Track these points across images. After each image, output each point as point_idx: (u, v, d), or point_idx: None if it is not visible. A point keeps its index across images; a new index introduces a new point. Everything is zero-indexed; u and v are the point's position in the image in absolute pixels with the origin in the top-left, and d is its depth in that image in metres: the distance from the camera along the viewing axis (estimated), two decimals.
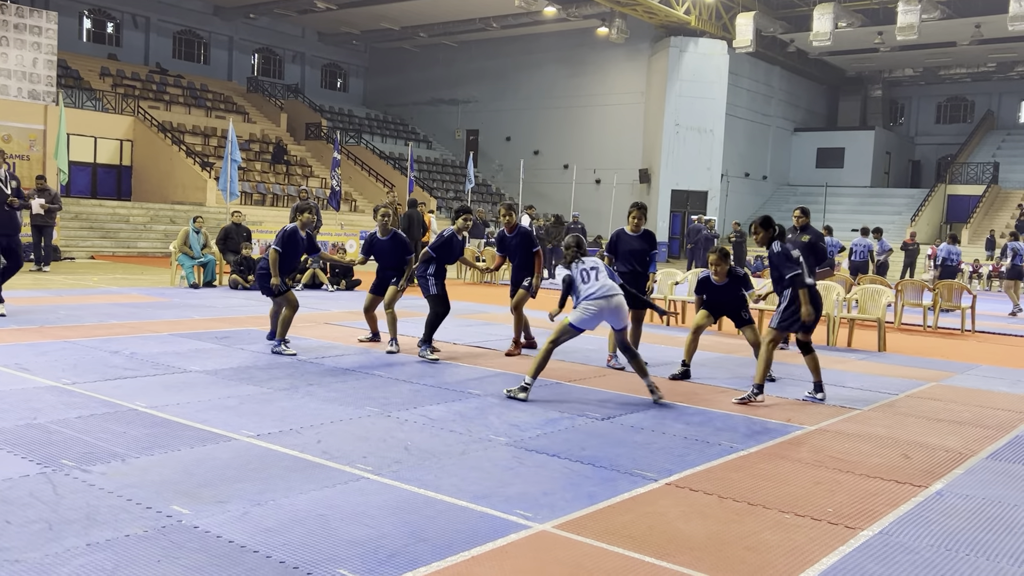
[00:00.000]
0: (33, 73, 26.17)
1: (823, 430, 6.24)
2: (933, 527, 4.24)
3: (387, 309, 8.95)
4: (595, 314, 6.81)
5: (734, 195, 38.70)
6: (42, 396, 6.08)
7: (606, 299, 6.82)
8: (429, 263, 8.69)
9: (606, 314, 6.84)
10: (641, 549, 3.75)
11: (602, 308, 6.81)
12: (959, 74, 43.18)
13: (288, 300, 8.51)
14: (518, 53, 40.43)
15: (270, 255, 8.51)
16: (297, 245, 8.74)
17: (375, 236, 9.18)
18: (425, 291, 8.72)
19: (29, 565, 3.29)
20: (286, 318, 8.44)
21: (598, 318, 6.85)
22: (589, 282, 6.90)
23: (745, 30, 33.21)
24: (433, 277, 8.70)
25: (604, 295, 6.82)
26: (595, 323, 6.91)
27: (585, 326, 6.89)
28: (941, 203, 39.85)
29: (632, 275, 8.51)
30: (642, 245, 8.57)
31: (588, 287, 6.88)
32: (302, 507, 4.07)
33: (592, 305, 6.80)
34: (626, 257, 8.55)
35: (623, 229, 8.73)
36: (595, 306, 6.80)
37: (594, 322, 6.88)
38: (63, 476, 4.36)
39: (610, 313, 6.85)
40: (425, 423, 5.85)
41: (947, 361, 10.22)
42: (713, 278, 8.16)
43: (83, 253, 21.53)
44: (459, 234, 8.90)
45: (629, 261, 8.54)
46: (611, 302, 6.83)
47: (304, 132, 37.10)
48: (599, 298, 6.81)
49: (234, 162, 19.23)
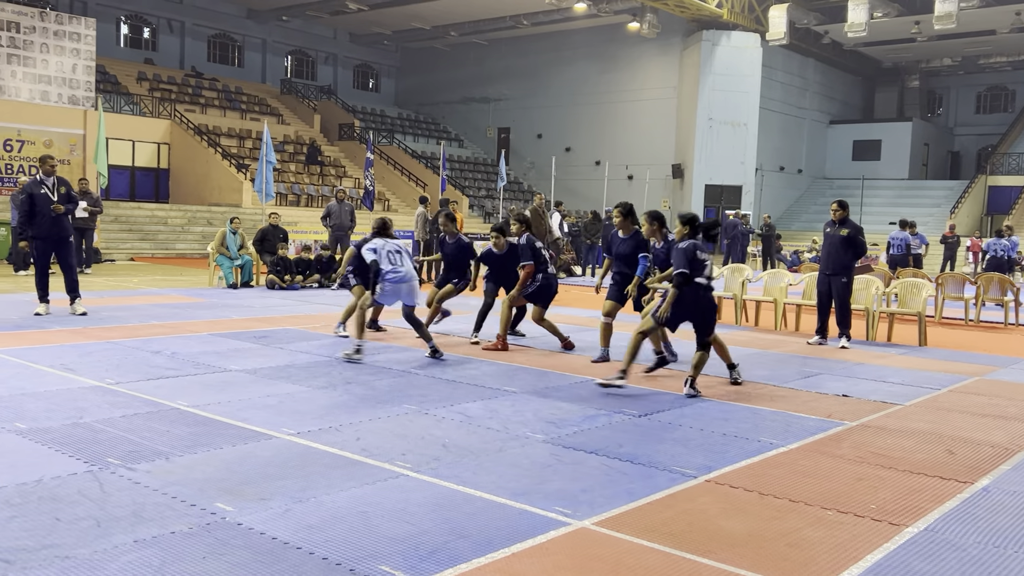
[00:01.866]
0: (72, 79, 26.65)
1: (864, 426, 6.17)
2: (980, 524, 4.17)
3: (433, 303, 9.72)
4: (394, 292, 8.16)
5: (769, 189, 38.32)
6: (87, 396, 6.20)
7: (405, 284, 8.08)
8: (533, 277, 9.21)
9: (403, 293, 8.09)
10: (682, 546, 3.73)
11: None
12: (999, 63, 42.29)
13: (355, 292, 9.22)
14: (549, 50, 40.35)
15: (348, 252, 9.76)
16: None
17: (491, 251, 9.58)
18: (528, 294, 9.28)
19: (79, 561, 3.36)
20: (350, 308, 9.23)
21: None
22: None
23: (778, 22, 32.83)
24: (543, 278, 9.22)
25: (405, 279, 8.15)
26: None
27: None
28: (982, 195, 39.11)
29: (625, 278, 8.41)
30: (629, 248, 8.41)
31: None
32: (343, 504, 4.11)
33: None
34: (618, 260, 8.53)
35: (616, 232, 8.62)
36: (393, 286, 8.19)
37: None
38: (109, 474, 4.44)
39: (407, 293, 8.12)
40: (462, 420, 5.87)
41: (991, 355, 10.03)
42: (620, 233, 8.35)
43: (123, 255, 21.89)
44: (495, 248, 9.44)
45: (620, 263, 8.50)
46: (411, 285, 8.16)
47: (337, 133, 37.37)
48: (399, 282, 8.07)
49: (269, 163, 19.39)
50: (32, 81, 25.78)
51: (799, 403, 6.86)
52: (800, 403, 6.87)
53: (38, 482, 4.27)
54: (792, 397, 7.11)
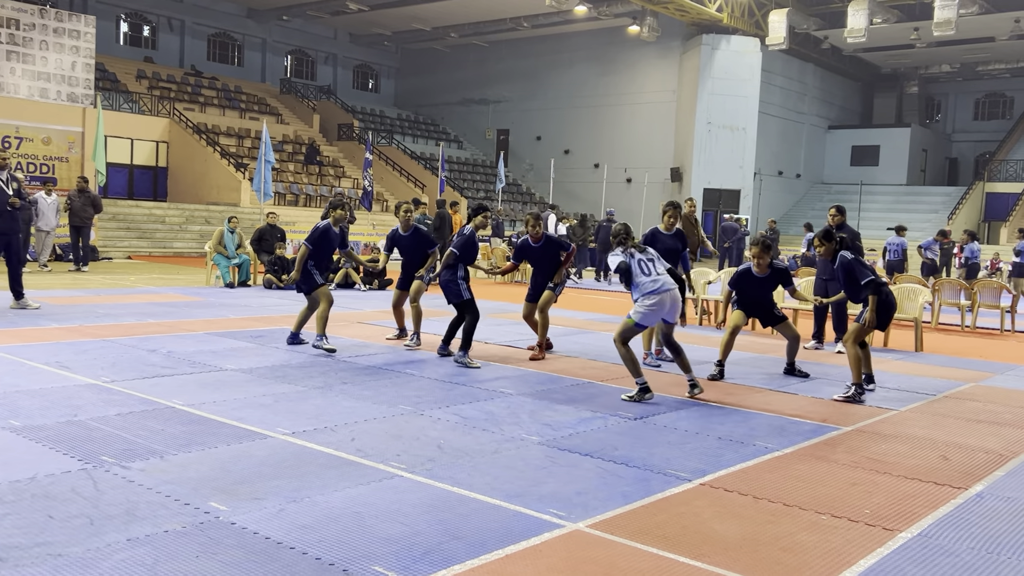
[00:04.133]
0: (72, 76, 26.63)
1: (859, 431, 6.17)
2: (974, 529, 4.17)
3: (412, 303, 8.97)
4: (658, 309, 6.81)
5: (767, 194, 38.36)
6: (82, 394, 6.19)
7: (668, 292, 6.82)
8: (455, 266, 8.35)
9: (667, 308, 6.85)
10: (675, 549, 3.73)
11: (664, 302, 6.80)
12: (997, 70, 42.40)
13: (322, 294, 8.57)
14: (549, 52, 40.39)
15: (300, 250, 8.56)
16: (331, 242, 8.78)
17: (397, 232, 9.22)
18: (457, 296, 8.32)
19: (71, 559, 3.35)
20: (322, 313, 8.48)
21: (660, 313, 6.86)
22: (651, 275, 6.86)
23: (778, 27, 32.89)
24: (464, 281, 8.36)
25: (667, 288, 6.81)
26: (657, 319, 6.93)
27: (648, 323, 6.91)
28: (979, 201, 39.18)
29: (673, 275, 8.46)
30: (675, 244, 8.54)
31: (650, 280, 6.82)
32: (337, 504, 4.10)
33: (655, 299, 6.78)
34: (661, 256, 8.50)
35: (658, 228, 8.72)
36: (658, 300, 6.78)
37: (656, 318, 6.90)
38: (103, 472, 4.43)
39: (671, 307, 6.87)
40: (458, 422, 5.87)
41: (986, 361, 10.05)
42: (754, 270, 8.12)
43: (120, 253, 21.87)
44: (477, 230, 8.70)
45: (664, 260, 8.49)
46: (672, 295, 6.84)
47: (336, 133, 37.37)
48: (664, 291, 6.79)
49: (268, 163, 19.39)
50: (31, 78, 25.76)
51: (794, 407, 6.87)
52: (795, 407, 6.87)
53: (31, 479, 4.26)
54: (788, 401, 7.12)
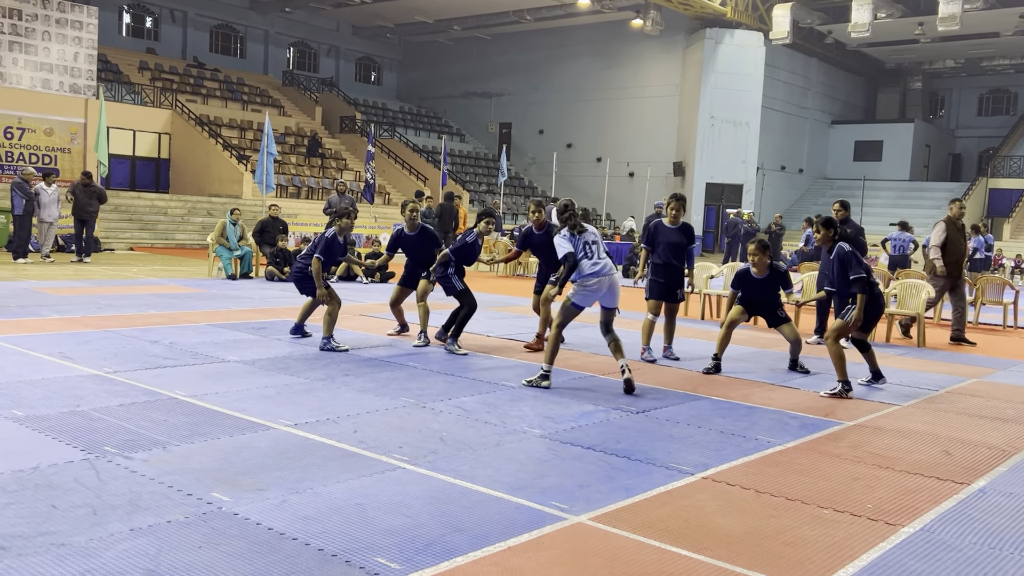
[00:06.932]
0: (74, 67, 26.59)
1: (861, 425, 6.17)
2: (976, 524, 4.17)
3: (419, 302, 8.99)
4: (595, 292, 6.80)
5: (770, 188, 38.30)
6: (85, 384, 6.19)
7: (608, 276, 6.80)
8: (447, 265, 8.67)
9: (604, 292, 6.82)
10: (678, 542, 3.73)
11: (602, 285, 6.79)
12: (1002, 65, 42.26)
13: (331, 296, 8.54)
14: (552, 46, 40.29)
15: (313, 264, 8.48)
16: (337, 249, 8.79)
17: (402, 232, 9.23)
18: (451, 289, 8.63)
19: (74, 549, 3.35)
20: (331, 313, 8.44)
21: (597, 295, 6.84)
22: (593, 258, 6.84)
23: (782, 21, 32.79)
24: (455, 276, 8.68)
25: (606, 272, 6.80)
26: (593, 300, 6.89)
27: (585, 303, 6.88)
28: (982, 197, 39.11)
29: (668, 268, 8.46)
30: (680, 238, 8.52)
31: (592, 264, 6.80)
32: (339, 496, 4.11)
33: (592, 282, 6.77)
34: (664, 250, 8.50)
35: (661, 221, 8.69)
36: (596, 284, 6.76)
37: (592, 299, 6.87)
38: (106, 463, 4.44)
39: (608, 291, 6.84)
40: (460, 414, 5.87)
41: (989, 357, 10.04)
42: (753, 271, 8.09)
43: (122, 244, 21.87)
44: (480, 238, 8.96)
45: (666, 254, 8.48)
46: (611, 279, 6.82)
47: (339, 125, 37.32)
48: (603, 275, 6.78)
49: (270, 155, 19.41)
50: (33, 69, 25.73)
51: (797, 402, 6.87)
52: (798, 402, 6.87)
53: (35, 469, 4.27)
54: (790, 396, 7.11)
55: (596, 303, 6.95)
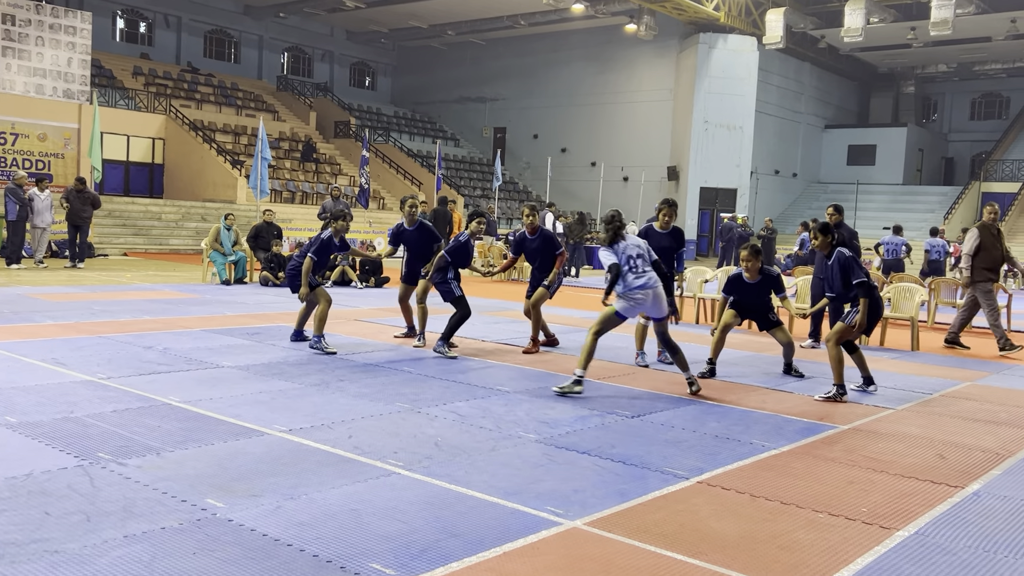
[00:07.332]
0: (68, 72, 26.54)
1: (856, 429, 6.18)
2: (971, 528, 4.18)
3: (419, 304, 9.03)
4: (641, 303, 6.87)
5: (764, 192, 38.37)
6: (78, 390, 6.17)
7: (653, 289, 6.88)
8: (446, 269, 8.77)
9: (649, 304, 6.89)
10: (673, 547, 3.73)
11: (647, 298, 6.86)
12: (994, 70, 42.43)
13: (320, 294, 8.54)
14: (546, 50, 40.35)
15: (304, 263, 8.49)
16: (330, 251, 8.80)
17: (402, 226, 9.29)
18: (449, 295, 8.76)
19: (68, 556, 3.34)
20: (321, 313, 8.45)
21: (642, 307, 6.94)
22: (637, 271, 6.91)
23: (775, 26, 32.89)
24: (454, 280, 8.80)
25: (651, 285, 6.87)
26: (637, 312, 7.05)
27: (629, 315, 6.97)
28: (975, 201, 39.20)
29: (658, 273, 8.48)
30: (670, 243, 8.53)
31: (636, 276, 6.87)
32: (334, 502, 4.10)
33: (639, 294, 6.85)
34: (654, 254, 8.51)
35: (652, 226, 8.71)
36: (641, 296, 6.84)
37: (637, 311, 7.00)
38: (100, 469, 4.42)
39: (653, 303, 6.91)
40: (455, 419, 5.87)
41: (982, 361, 10.06)
42: (745, 275, 8.11)
43: (116, 250, 21.81)
44: (473, 238, 9.03)
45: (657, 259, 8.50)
46: (656, 291, 6.90)
47: (333, 130, 37.31)
48: (648, 288, 6.85)
49: (264, 160, 19.35)
50: (27, 74, 25.67)
51: (791, 406, 6.87)
52: (792, 406, 6.88)
53: (28, 476, 4.25)
54: (784, 400, 7.12)
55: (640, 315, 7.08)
